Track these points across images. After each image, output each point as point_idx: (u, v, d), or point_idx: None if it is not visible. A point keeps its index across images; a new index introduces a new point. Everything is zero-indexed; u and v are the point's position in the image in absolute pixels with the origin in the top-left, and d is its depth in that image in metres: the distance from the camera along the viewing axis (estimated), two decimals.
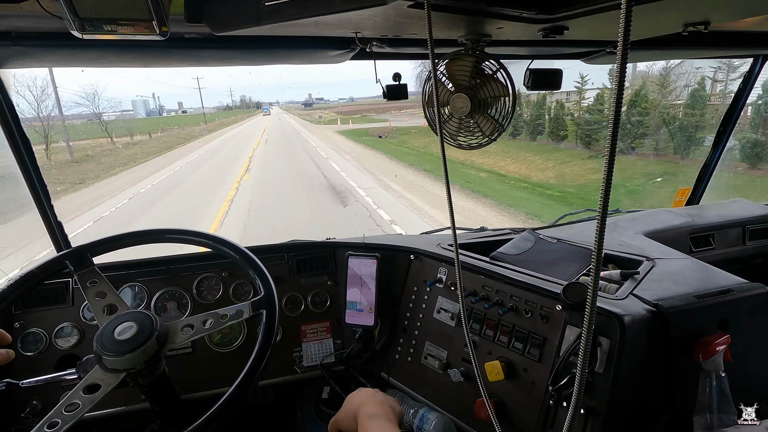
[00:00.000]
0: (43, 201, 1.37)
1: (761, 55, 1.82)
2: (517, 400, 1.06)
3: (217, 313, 1.01)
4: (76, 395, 0.86)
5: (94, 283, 1.07)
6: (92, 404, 0.86)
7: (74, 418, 0.82)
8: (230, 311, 1.02)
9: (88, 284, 1.07)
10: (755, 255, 1.76)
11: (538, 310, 1.07)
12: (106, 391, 0.88)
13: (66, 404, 0.84)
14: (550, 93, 14.99)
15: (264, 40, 1.09)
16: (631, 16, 0.42)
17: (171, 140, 30.24)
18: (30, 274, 1.06)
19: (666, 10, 0.87)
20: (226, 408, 0.87)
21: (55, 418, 0.82)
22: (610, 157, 0.45)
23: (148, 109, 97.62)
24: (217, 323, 1.00)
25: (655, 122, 12.62)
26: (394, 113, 39.83)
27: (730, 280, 1.09)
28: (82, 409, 0.84)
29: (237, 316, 1.01)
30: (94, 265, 1.11)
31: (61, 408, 0.84)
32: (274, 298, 1.04)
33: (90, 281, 1.07)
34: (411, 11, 0.76)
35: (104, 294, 1.06)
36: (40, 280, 1.07)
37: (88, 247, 1.13)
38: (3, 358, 0.95)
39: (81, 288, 1.06)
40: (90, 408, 0.85)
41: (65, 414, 0.83)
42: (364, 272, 1.42)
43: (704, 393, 0.91)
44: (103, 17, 0.74)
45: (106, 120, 32.70)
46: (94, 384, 0.89)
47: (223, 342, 1.38)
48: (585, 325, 0.50)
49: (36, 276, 1.06)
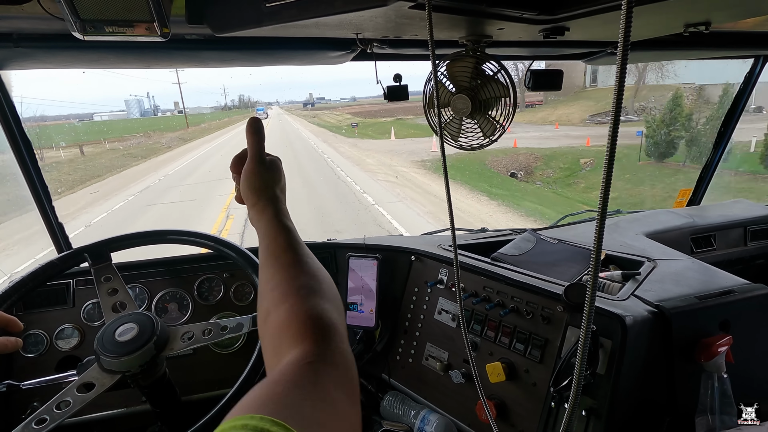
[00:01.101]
0: (44, 202, 1.37)
1: (762, 55, 1.82)
2: (518, 402, 1.05)
3: (218, 324, 1.02)
4: (69, 393, 0.87)
5: (108, 279, 1.10)
6: (83, 404, 0.85)
7: (63, 417, 0.82)
8: (231, 323, 1.02)
9: (102, 280, 1.09)
10: (757, 256, 1.76)
11: (539, 311, 1.06)
12: (99, 391, 0.88)
13: (57, 402, 0.84)
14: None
15: (265, 41, 1.09)
16: (632, 16, 0.42)
17: (109, 160, 18.81)
18: (49, 264, 1.08)
19: (667, 11, 0.87)
20: (226, 409, 0.87)
21: (44, 415, 0.82)
22: (609, 157, 0.45)
23: (142, 108, 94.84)
24: (216, 334, 1.01)
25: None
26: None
27: (732, 281, 1.09)
28: (72, 407, 0.84)
29: (237, 329, 1.02)
30: (112, 262, 1.13)
31: (52, 405, 0.84)
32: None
33: (104, 277, 1.10)
34: (412, 12, 0.76)
35: (116, 291, 1.08)
36: (58, 270, 1.09)
37: (106, 243, 1.16)
38: (12, 344, 0.94)
39: (95, 283, 1.08)
40: (81, 408, 0.85)
41: (55, 411, 0.83)
42: (365, 273, 1.41)
43: (706, 394, 0.91)
44: (104, 19, 0.74)
45: (97, 120, 30.61)
46: (89, 382, 0.89)
47: (224, 344, 1.38)
48: (583, 325, 0.50)
49: (55, 267, 1.09)
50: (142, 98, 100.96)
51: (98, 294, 1.07)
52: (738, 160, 10.03)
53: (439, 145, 0.83)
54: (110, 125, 38.30)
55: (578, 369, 0.53)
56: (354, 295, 1.42)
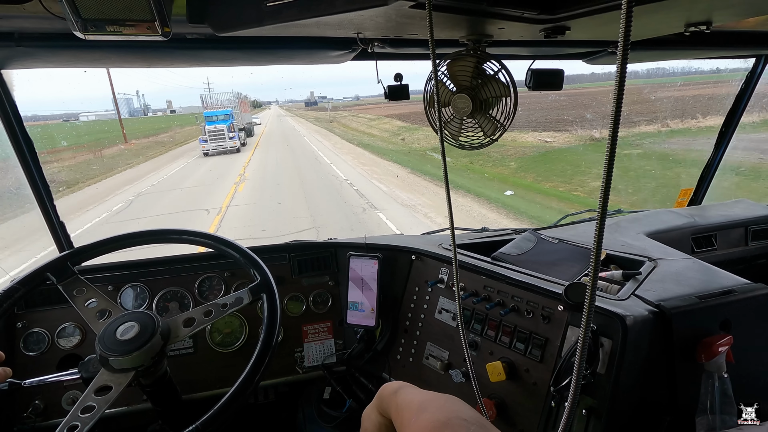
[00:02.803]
0: (46, 201, 1.38)
1: (763, 55, 1.82)
2: (518, 401, 1.05)
3: (217, 303, 1.02)
4: (89, 398, 0.86)
5: (81, 291, 1.05)
6: (108, 404, 0.86)
7: (93, 419, 0.83)
8: (230, 299, 1.02)
9: (74, 293, 1.04)
10: (758, 255, 1.75)
11: (539, 310, 1.06)
12: (118, 390, 0.88)
13: (81, 407, 0.84)
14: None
15: (266, 40, 1.09)
16: (632, 16, 0.42)
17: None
18: (11, 289, 1.03)
19: (667, 10, 0.87)
20: (227, 408, 0.87)
21: (74, 422, 0.82)
22: (609, 157, 0.45)
23: (131, 108, 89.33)
24: (218, 312, 1.00)
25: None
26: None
27: (733, 281, 1.09)
28: (98, 410, 0.84)
29: (237, 303, 1.01)
30: (78, 274, 1.07)
31: (77, 411, 0.83)
32: (270, 281, 1.04)
33: (76, 290, 1.05)
34: (412, 12, 0.76)
35: (94, 300, 1.04)
36: (21, 295, 1.04)
37: (68, 257, 1.09)
38: (1, 377, 0.96)
39: (68, 298, 1.03)
40: (106, 408, 0.85)
41: (82, 417, 0.83)
42: (366, 272, 1.42)
43: (706, 394, 0.91)
44: (105, 18, 0.74)
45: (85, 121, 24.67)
46: (104, 386, 0.89)
47: (224, 342, 1.39)
48: (582, 324, 0.50)
49: (17, 291, 1.03)
50: (131, 97, 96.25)
51: (76, 308, 1.02)
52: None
53: (440, 145, 0.83)
54: (75, 129, 33.10)
55: (577, 368, 0.53)
56: (355, 294, 1.42)
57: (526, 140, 16.18)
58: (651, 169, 11.07)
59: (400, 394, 0.56)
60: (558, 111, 21.58)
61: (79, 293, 1.05)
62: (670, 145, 13.42)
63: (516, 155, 14.23)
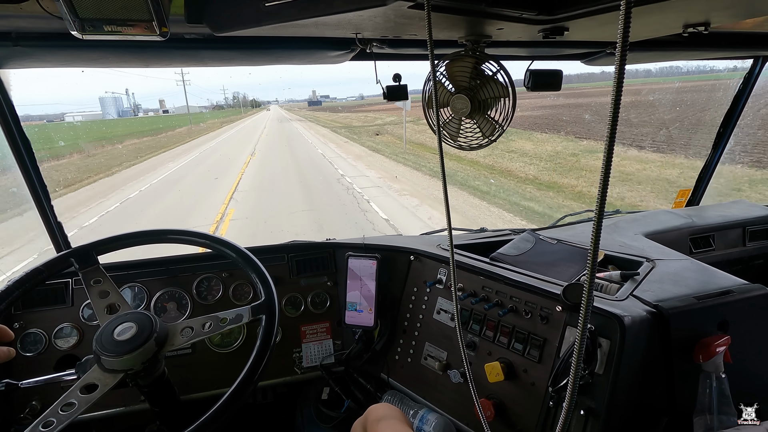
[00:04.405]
0: (43, 201, 1.37)
1: (761, 56, 1.82)
2: (517, 401, 1.05)
3: (217, 317, 1.01)
4: (72, 395, 0.86)
5: (98, 282, 1.08)
6: (88, 404, 0.85)
7: (69, 418, 0.82)
8: (230, 315, 1.01)
9: (92, 283, 1.07)
10: (755, 256, 1.76)
11: (538, 311, 1.07)
12: (103, 391, 0.88)
13: (62, 404, 0.84)
14: None
15: (264, 40, 1.09)
16: (631, 17, 0.42)
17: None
18: (35, 271, 1.06)
19: (666, 11, 0.87)
20: (225, 408, 0.87)
21: (50, 417, 0.81)
22: (607, 157, 0.45)
23: (120, 108, 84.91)
24: (216, 327, 1.00)
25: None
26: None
27: (730, 281, 1.09)
28: (77, 409, 0.84)
29: (236, 320, 1.01)
30: (99, 264, 1.11)
31: (57, 407, 0.83)
32: (274, 302, 1.03)
33: (94, 280, 1.08)
34: (411, 12, 0.76)
35: (107, 293, 1.06)
36: (45, 277, 1.07)
37: (93, 246, 1.13)
38: (4, 355, 0.94)
39: (84, 286, 1.06)
40: (86, 408, 0.85)
41: (61, 413, 0.83)
42: (364, 273, 1.41)
43: (704, 394, 0.91)
44: (103, 18, 0.74)
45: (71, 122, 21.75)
46: (91, 384, 0.89)
47: (222, 343, 1.38)
48: (580, 325, 0.50)
49: (41, 273, 1.06)
50: (120, 96, 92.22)
51: (89, 297, 1.05)
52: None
53: (438, 145, 0.83)
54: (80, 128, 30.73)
55: (574, 368, 0.53)
56: (353, 294, 1.42)
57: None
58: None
59: (381, 426, 0.63)
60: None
61: (96, 283, 1.07)
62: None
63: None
